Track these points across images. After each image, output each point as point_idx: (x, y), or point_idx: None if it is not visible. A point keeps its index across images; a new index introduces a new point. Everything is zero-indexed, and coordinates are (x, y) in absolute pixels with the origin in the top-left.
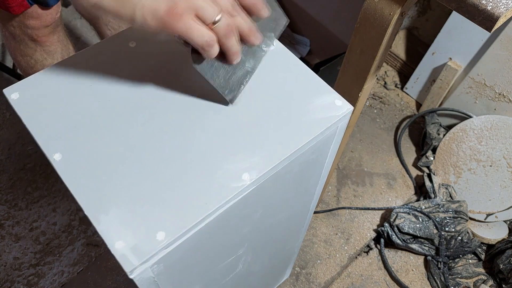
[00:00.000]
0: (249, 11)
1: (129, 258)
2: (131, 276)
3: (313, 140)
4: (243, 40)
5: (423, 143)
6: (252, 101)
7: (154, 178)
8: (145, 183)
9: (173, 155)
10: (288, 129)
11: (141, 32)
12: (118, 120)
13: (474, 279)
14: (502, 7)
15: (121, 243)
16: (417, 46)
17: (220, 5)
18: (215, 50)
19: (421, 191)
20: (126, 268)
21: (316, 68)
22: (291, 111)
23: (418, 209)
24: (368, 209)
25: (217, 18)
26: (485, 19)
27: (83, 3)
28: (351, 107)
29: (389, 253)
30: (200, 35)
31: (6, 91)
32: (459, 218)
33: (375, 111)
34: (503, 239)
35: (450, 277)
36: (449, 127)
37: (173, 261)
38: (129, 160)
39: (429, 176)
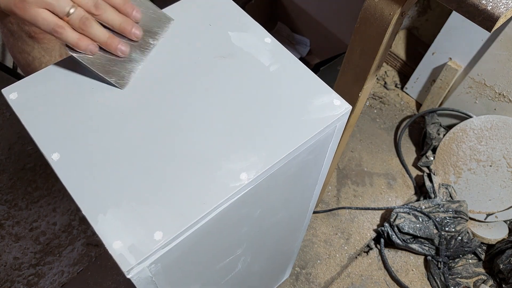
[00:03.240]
0: (120, 11)
1: (126, 258)
2: (128, 276)
3: (311, 139)
4: (122, 34)
5: (423, 143)
6: (250, 101)
7: (152, 178)
8: (143, 182)
9: (171, 155)
10: (286, 128)
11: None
12: (116, 119)
13: (474, 279)
14: (502, 7)
15: (118, 243)
16: (417, 46)
17: (77, 1)
18: (68, 36)
19: (421, 191)
20: (124, 268)
21: (316, 68)
22: (290, 111)
23: (418, 209)
24: (368, 209)
25: (70, 11)
26: (485, 19)
27: None
28: (349, 107)
29: (389, 253)
30: (46, 22)
31: (4, 91)
32: (459, 218)
33: (375, 111)
34: (503, 239)
35: (450, 277)
36: (449, 127)
37: (171, 260)
38: (127, 160)
39: (429, 176)
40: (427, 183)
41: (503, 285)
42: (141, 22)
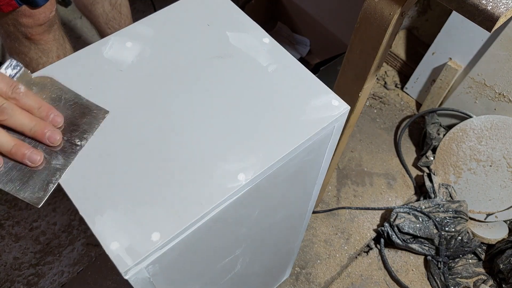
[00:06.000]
0: (34, 115)
1: (123, 259)
2: (126, 277)
3: (309, 140)
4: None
5: (423, 143)
6: (248, 101)
7: (149, 179)
8: (140, 183)
9: (168, 155)
10: (284, 129)
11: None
12: (114, 120)
13: (474, 279)
14: (502, 7)
15: (116, 244)
16: (417, 46)
17: None
18: None
19: (421, 191)
20: (121, 269)
21: (316, 68)
22: (288, 111)
23: (418, 209)
24: (368, 209)
25: None
26: (485, 19)
27: None
28: (347, 107)
29: (389, 253)
30: None
31: None
32: (459, 218)
33: (375, 111)
34: (503, 239)
35: (450, 277)
36: (449, 127)
37: (169, 261)
38: (124, 161)
39: (429, 176)
40: (427, 183)
41: (503, 285)
42: (66, 120)
